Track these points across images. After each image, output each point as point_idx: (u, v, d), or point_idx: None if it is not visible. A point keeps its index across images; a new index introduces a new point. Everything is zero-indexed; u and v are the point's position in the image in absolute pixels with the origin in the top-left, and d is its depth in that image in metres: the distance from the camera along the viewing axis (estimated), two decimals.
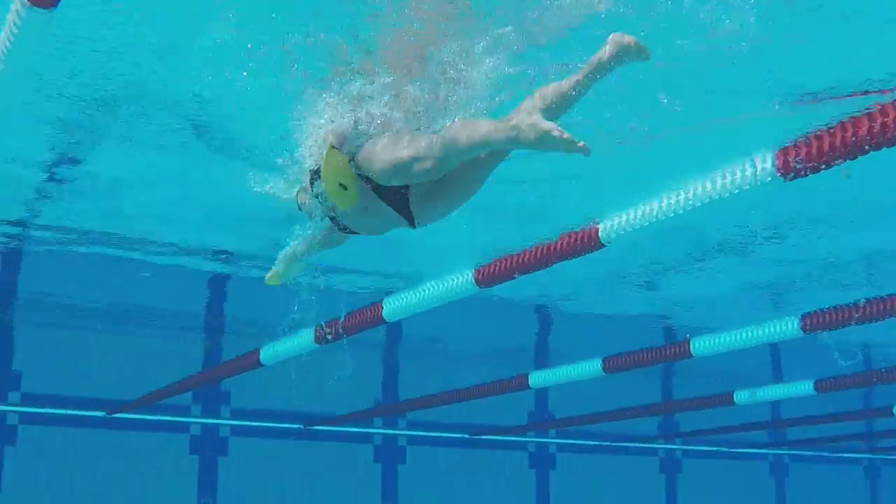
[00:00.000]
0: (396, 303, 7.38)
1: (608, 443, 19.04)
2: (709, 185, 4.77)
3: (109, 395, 14.27)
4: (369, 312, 7.66)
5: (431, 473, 17.15)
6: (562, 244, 5.89)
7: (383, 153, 3.91)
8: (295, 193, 4.54)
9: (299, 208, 4.54)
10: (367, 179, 4.08)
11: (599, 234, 5.53)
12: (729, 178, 4.67)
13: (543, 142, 3.37)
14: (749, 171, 4.55)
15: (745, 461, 21.40)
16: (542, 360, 17.31)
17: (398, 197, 4.10)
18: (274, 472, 15.74)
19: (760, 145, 4.62)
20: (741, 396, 12.30)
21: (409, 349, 16.59)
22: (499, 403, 16.29)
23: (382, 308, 7.48)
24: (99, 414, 14.24)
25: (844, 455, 22.46)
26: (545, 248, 6.04)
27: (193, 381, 12.49)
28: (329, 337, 8.07)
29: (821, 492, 21.83)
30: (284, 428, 15.83)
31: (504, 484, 17.86)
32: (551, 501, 18.32)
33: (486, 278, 6.53)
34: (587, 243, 5.65)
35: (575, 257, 5.95)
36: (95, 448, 14.42)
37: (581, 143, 3.33)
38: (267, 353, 9.41)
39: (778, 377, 17.02)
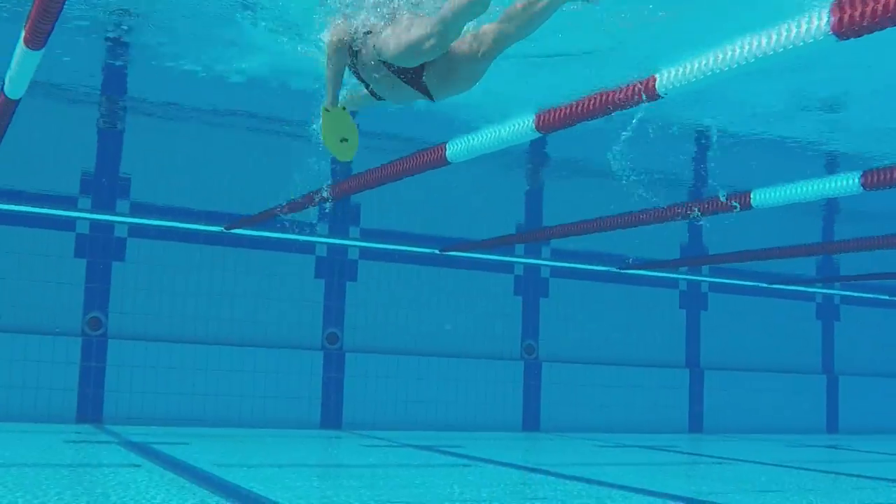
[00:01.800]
0: (460, 145, 7.65)
1: (765, 284, 16.76)
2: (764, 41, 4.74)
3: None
4: (431, 154, 8.05)
5: (574, 308, 15.20)
6: (619, 94, 5.96)
7: (394, 39, 4.30)
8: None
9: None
10: (387, 64, 4.48)
11: (657, 85, 5.64)
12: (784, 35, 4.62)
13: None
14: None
15: None
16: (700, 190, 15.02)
17: (415, 77, 4.50)
18: (407, 298, 13.97)
19: None
20: None
21: (557, 172, 14.38)
22: (650, 236, 14.35)
23: (445, 149, 7.80)
24: (216, 228, 12.52)
25: None
26: (603, 97, 6.13)
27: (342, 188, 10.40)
28: None
29: None
30: (419, 252, 13.93)
31: (652, 323, 15.83)
32: (702, 344, 16.27)
33: (546, 124, 6.75)
34: (644, 93, 5.77)
35: (631, 107, 6.07)
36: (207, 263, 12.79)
37: None
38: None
39: None
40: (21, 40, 5.95)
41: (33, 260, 11.84)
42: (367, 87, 4.87)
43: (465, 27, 4.24)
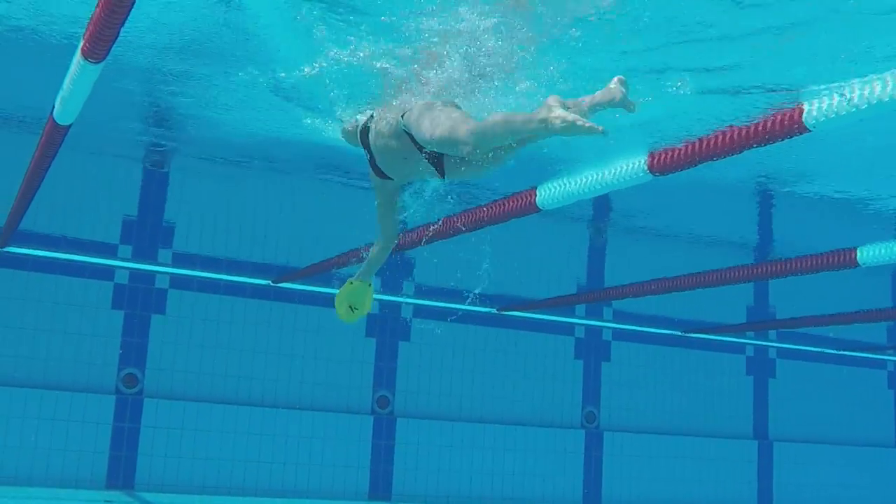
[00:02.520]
0: (553, 190, 6.66)
1: (833, 351, 15.63)
2: None
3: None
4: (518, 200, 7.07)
5: (637, 373, 14.10)
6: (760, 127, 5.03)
7: (430, 127, 4.25)
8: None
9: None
10: (411, 136, 4.55)
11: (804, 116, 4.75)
12: None
13: (568, 130, 3.59)
14: None
15: None
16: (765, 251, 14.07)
17: (435, 156, 4.57)
18: (462, 360, 12.93)
19: None
20: None
21: (620, 229, 13.45)
22: (715, 299, 13.40)
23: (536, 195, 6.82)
24: (263, 282, 11.60)
25: None
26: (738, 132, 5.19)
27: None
28: None
29: None
30: (475, 311, 12.93)
31: (718, 391, 14.68)
32: (770, 414, 15.08)
33: (663, 165, 5.71)
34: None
35: (773, 142, 5.09)
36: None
37: (600, 128, 3.54)
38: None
39: None
40: (78, 52, 5.07)
41: (67, 310, 10.91)
42: (371, 160, 5.01)
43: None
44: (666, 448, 13.90)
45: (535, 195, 7.00)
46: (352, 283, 5.42)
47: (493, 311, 13.08)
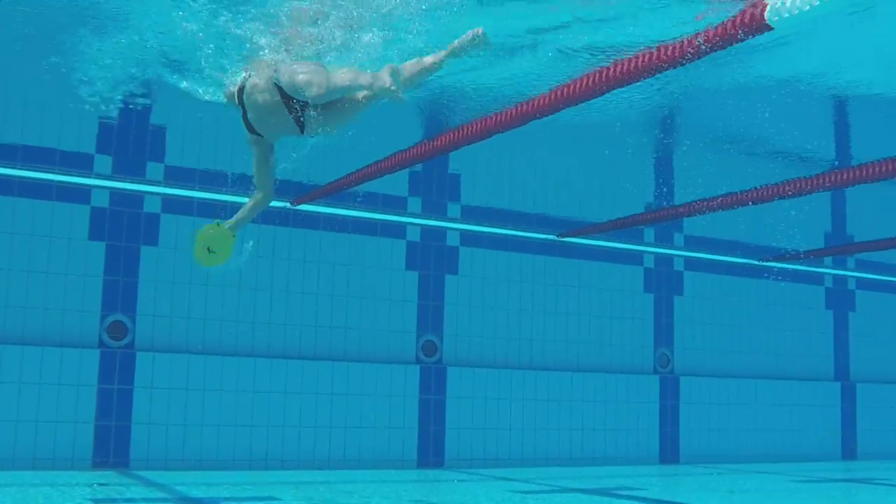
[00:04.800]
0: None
1: None
2: None
3: None
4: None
5: (711, 309, 11.79)
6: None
7: (294, 74, 4.96)
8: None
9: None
10: (280, 89, 5.09)
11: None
12: None
13: (383, 94, 4.66)
14: None
15: None
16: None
17: (297, 110, 5.09)
18: (517, 296, 10.50)
19: None
20: None
21: (689, 144, 11.11)
22: (791, 224, 11.21)
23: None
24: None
25: None
26: None
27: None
28: None
29: None
30: (532, 238, 10.53)
31: (796, 325, 12.45)
32: (851, 351, 12.91)
33: None
34: None
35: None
36: None
37: (401, 97, 4.59)
38: None
39: None
40: None
41: (43, 242, 8.26)
42: (244, 115, 5.35)
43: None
44: (745, 394, 11.65)
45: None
46: (219, 225, 5.46)
47: (553, 237, 10.66)
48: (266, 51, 5.79)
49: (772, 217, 11.88)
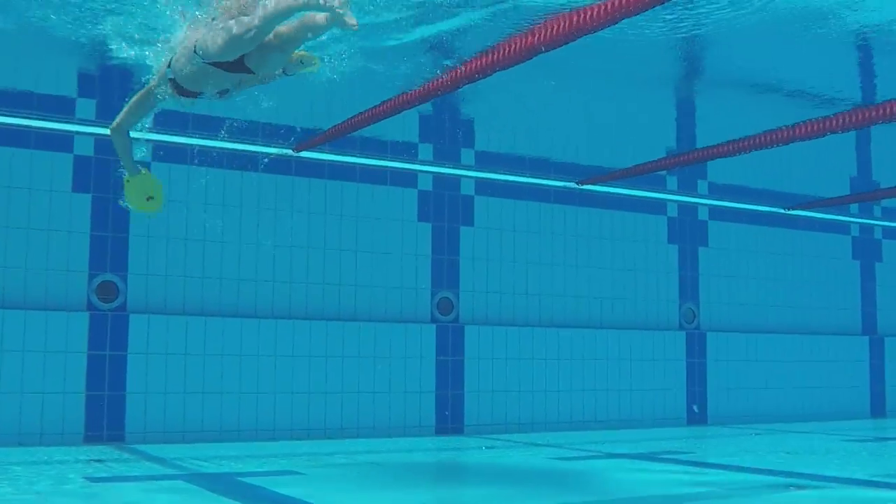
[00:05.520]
0: None
1: None
2: None
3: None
4: None
5: (736, 260, 11.11)
6: None
7: (217, 38, 4.52)
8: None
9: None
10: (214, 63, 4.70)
11: None
12: None
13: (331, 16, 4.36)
14: None
15: None
16: None
17: (235, 64, 4.69)
18: (532, 247, 9.76)
19: None
20: None
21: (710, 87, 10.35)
22: (816, 170, 10.64)
23: None
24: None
25: None
26: None
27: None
28: None
29: None
30: (551, 186, 9.78)
31: (823, 277, 11.80)
32: (878, 303, 12.29)
33: None
34: None
35: None
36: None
37: (353, 22, 4.23)
38: None
39: None
40: None
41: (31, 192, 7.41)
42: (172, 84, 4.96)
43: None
44: (772, 350, 11.01)
45: None
46: (128, 180, 5.39)
47: (573, 184, 9.91)
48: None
49: (798, 163, 11.22)
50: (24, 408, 7.19)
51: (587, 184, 9.92)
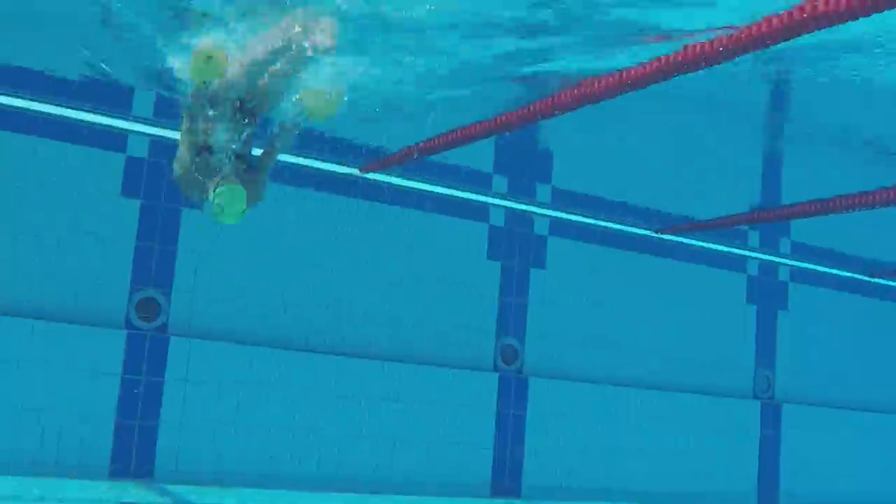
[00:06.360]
0: None
1: None
2: None
3: None
4: None
5: (817, 326, 10.25)
6: None
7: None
8: None
9: None
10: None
11: None
12: None
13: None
14: None
15: None
16: None
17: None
18: (606, 293, 8.94)
19: None
20: None
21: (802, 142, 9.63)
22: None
23: None
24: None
25: None
26: None
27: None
28: None
29: None
30: (625, 233, 9.00)
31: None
32: None
33: None
34: None
35: None
36: None
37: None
38: None
39: None
40: None
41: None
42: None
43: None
44: (856, 428, 10.09)
45: None
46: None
47: (651, 232, 9.13)
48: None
49: (888, 227, 10.43)
50: (45, 433, 6.37)
51: (665, 233, 9.14)
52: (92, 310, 6.73)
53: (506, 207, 8.40)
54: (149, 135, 6.93)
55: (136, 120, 6.92)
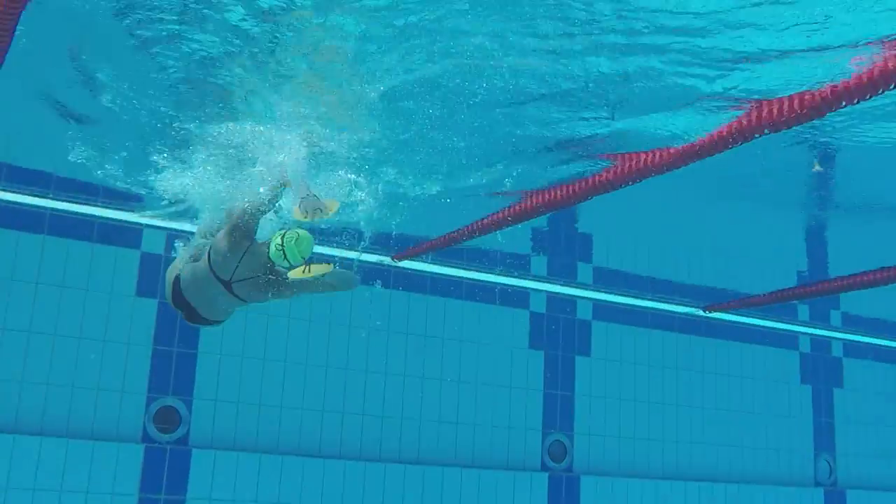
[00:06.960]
0: None
1: None
2: None
3: None
4: None
5: (875, 406, 9.60)
6: None
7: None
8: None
9: None
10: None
11: None
12: None
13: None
14: None
15: None
16: None
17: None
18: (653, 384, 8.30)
19: None
20: None
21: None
22: None
23: None
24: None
25: None
26: None
27: None
28: None
29: None
30: (674, 313, 8.41)
31: None
32: None
33: None
34: None
35: None
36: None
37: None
38: None
39: None
40: None
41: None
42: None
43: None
44: None
45: None
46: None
47: (698, 310, 8.55)
48: None
49: None
50: None
51: (714, 310, 8.56)
52: (107, 422, 6.09)
53: (546, 292, 7.82)
54: (165, 229, 6.39)
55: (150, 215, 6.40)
